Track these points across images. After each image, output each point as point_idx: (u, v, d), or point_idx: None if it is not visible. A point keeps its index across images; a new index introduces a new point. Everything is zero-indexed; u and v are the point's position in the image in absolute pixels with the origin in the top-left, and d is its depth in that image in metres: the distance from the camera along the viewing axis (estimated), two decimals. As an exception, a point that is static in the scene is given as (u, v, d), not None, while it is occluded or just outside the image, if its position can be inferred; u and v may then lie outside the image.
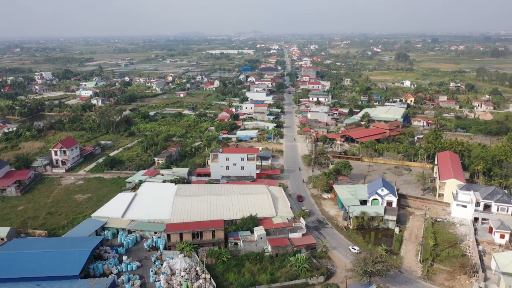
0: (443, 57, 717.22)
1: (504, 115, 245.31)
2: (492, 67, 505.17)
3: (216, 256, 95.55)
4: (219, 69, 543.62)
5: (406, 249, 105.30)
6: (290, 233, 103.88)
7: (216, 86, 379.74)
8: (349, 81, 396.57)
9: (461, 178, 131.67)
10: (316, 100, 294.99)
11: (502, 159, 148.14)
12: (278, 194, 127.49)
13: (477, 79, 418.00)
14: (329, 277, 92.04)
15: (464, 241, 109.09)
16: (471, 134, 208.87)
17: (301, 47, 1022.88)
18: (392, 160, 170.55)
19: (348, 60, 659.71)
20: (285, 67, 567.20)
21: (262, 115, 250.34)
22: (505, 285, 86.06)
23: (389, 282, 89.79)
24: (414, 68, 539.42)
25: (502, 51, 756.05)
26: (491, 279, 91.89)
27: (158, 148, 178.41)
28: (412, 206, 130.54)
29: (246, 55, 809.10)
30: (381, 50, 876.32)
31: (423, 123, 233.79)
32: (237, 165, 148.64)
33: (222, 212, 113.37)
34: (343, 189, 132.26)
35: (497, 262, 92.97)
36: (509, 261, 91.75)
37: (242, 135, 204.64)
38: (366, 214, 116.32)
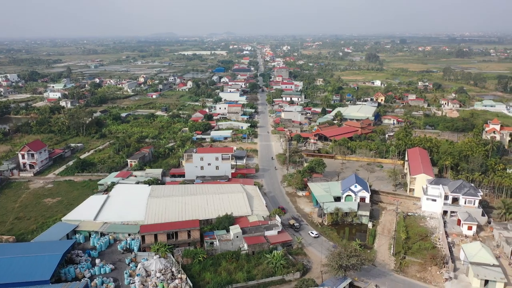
0: (411, 58, 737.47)
1: (470, 113, 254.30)
2: (457, 66, 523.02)
3: (192, 256, 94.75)
4: (192, 70, 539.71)
5: (379, 243, 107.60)
6: (266, 231, 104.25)
7: (189, 87, 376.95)
8: (321, 81, 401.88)
9: (430, 173, 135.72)
10: (289, 100, 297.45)
11: (468, 154, 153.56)
12: (253, 193, 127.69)
13: (443, 79, 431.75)
14: (305, 273, 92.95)
15: (434, 233, 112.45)
16: (439, 131, 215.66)
17: (274, 48, 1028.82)
18: (365, 157, 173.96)
19: (320, 60, 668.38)
20: (258, 67, 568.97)
21: (236, 115, 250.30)
22: (473, 274, 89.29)
23: (364, 275, 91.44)
24: (384, 68, 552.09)
25: (467, 51, 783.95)
26: (460, 269, 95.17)
27: (130, 150, 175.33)
28: (384, 201, 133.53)
29: (219, 56, 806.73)
30: (352, 51, 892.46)
31: (393, 121, 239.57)
32: (211, 165, 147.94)
33: (198, 212, 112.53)
34: (318, 187, 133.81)
35: (466, 252, 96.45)
36: (477, 251, 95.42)
37: (216, 135, 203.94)
38: (340, 210, 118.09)
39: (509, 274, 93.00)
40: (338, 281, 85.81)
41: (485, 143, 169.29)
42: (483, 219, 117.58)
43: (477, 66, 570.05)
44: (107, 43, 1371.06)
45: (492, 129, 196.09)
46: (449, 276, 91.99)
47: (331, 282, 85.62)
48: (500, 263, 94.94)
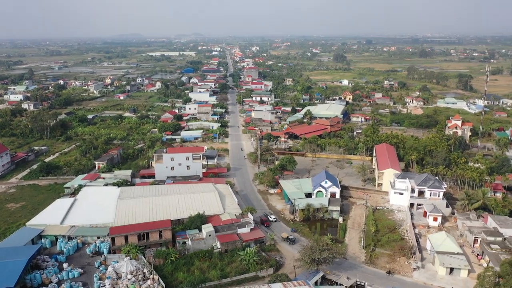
0: (377, 58, 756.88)
1: (433, 110, 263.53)
2: (420, 66, 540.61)
3: (164, 256, 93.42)
4: (161, 71, 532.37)
5: (350, 236, 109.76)
6: (239, 229, 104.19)
7: (158, 87, 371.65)
8: (290, 81, 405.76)
9: (397, 167, 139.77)
10: (259, 99, 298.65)
11: (433, 149, 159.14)
12: (225, 191, 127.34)
13: (408, 77, 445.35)
14: (278, 269, 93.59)
15: (402, 225, 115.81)
16: (404, 128, 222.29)
17: (243, 49, 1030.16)
18: (334, 154, 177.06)
19: (289, 61, 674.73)
20: (227, 68, 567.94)
21: (206, 115, 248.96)
22: (439, 262, 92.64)
23: (336, 268, 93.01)
24: (351, 68, 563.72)
25: (429, 51, 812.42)
26: (427, 258, 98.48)
27: (98, 152, 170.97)
28: (354, 196, 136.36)
29: (188, 56, 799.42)
30: (320, 51, 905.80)
31: (361, 118, 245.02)
32: (182, 165, 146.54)
33: (169, 212, 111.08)
34: (289, 184, 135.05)
35: (432, 242, 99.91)
36: (442, 241, 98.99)
37: (187, 136, 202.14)
38: (311, 206, 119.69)
39: (472, 261, 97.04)
40: (311, 275, 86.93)
41: (448, 138, 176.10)
42: (448, 210, 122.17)
43: (439, 65, 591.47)
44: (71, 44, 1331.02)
45: (454, 125, 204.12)
46: (416, 266, 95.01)
47: (304, 276, 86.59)
48: (464, 251, 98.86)
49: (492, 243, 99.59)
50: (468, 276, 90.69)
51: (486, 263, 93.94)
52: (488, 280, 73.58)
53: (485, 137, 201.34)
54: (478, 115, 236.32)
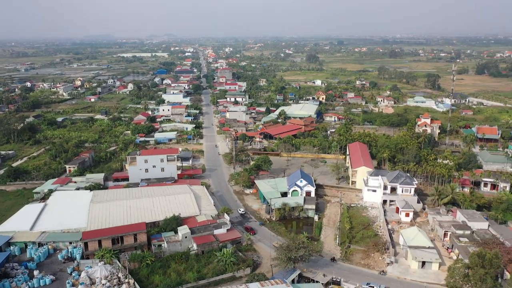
0: (349, 58, 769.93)
1: (403, 108, 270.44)
2: (391, 66, 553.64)
3: (139, 259, 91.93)
4: (132, 72, 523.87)
5: (326, 234, 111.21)
6: (215, 230, 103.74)
7: (130, 89, 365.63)
8: (264, 81, 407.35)
9: (370, 165, 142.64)
10: (233, 100, 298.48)
11: (403, 147, 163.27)
12: (200, 193, 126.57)
13: (378, 77, 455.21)
14: (255, 268, 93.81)
15: (375, 222, 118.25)
16: (376, 126, 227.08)
17: (216, 49, 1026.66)
18: (309, 153, 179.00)
19: (263, 61, 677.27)
20: (201, 69, 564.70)
21: (180, 116, 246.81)
22: (412, 256, 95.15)
23: (312, 266, 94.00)
24: (324, 68, 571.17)
25: (399, 52, 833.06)
26: (400, 253, 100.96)
27: (68, 155, 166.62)
28: (328, 194, 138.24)
29: (160, 58, 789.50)
30: (293, 52, 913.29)
31: (334, 118, 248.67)
32: (156, 167, 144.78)
33: (144, 214, 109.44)
34: (264, 183, 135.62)
35: (404, 237, 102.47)
36: (414, 236, 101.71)
37: (161, 137, 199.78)
38: (287, 205, 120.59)
39: (443, 254, 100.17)
40: (288, 273, 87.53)
41: (418, 136, 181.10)
42: (419, 206, 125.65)
43: (408, 65, 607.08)
44: (38, 46, 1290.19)
45: (423, 123, 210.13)
46: (390, 261, 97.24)
47: (281, 275, 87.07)
48: (434, 245, 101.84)
49: (461, 236, 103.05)
50: (439, 269, 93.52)
51: (456, 256, 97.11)
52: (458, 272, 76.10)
53: (453, 135, 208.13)
54: (446, 113, 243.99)
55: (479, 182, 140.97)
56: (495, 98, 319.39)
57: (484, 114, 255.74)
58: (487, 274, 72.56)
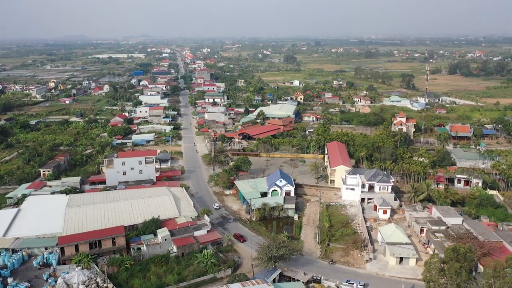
0: (326, 58, 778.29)
1: (379, 108, 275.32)
2: (367, 66, 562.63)
3: (118, 263, 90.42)
4: (108, 74, 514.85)
5: (306, 233, 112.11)
6: (195, 231, 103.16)
7: (106, 91, 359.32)
8: (242, 82, 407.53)
9: (348, 164, 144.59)
10: (212, 101, 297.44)
11: (380, 145, 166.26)
12: (180, 194, 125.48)
13: (355, 77, 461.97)
14: (236, 269, 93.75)
15: (354, 220, 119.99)
16: (353, 126, 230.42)
17: (194, 50, 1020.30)
18: (288, 153, 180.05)
19: (241, 62, 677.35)
20: (178, 70, 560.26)
21: (158, 118, 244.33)
22: (390, 253, 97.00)
23: (292, 265, 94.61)
24: (301, 68, 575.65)
25: (374, 52, 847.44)
26: (378, 250, 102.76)
27: (43, 159, 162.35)
28: (308, 193, 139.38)
29: (137, 59, 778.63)
30: (271, 53, 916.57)
31: (312, 118, 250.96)
32: (134, 169, 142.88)
33: (122, 218, 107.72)
34: (244, 184, 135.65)
35: (382, 234, 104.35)
36: (391, 233, 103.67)
37: (138, 139, 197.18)
38: (267, 205, 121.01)
39: (420, 250, 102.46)
40: (269, 273, 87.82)
41: (394, 135, 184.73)
42: (396, 203, 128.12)
43: (383, 65, 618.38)
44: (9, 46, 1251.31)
45: (399, 122, 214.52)
46: (369, 258, 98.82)
47: (262, 275, 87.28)
48: (411, 241, 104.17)
49: (436, 232, 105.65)
50: (416, 264, 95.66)
51: (432, 251, 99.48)
52: (434, 266, 77.98)
53: (428, 133, 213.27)
54: (420, 112, 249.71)
55: (453, 178, 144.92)
56: (467, 97, 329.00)
57: (456, 112, 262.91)
58: (462, 268, 74.62)
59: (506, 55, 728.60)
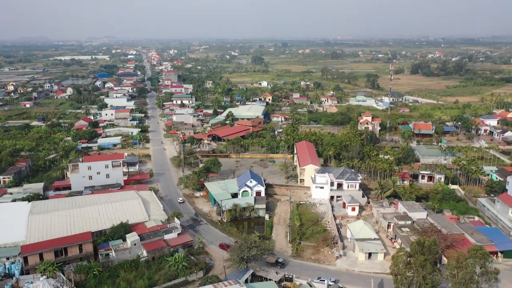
0: (293, 59, 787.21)
1: (346, 107, 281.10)
2: (333, 67, 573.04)
3: (85, 271, 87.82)
4: (71, 76, 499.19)
5: (277, 232, 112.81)
6: (166, 235, 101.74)
7: (70, 93, 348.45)
8: (211, 83, 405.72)
9: (317, 163, 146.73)
10: (180, 103, 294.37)
11: (348, 144, 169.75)
12: (149, 198, 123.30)
13: (322, 78, 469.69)
14: (208, 271, 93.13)
15: (324, 218, 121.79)
16: (321, 125, 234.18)
17: (160, 52, 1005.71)
18: (257, 154, 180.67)
19: (208, 63, 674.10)
20: (145, 72, 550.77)
21: (125, 121, 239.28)
22: (359, 249, 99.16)
23: (265, 264, 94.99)
24: (269, 69, 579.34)
25: (340, 53, 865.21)
26: (348, 246, 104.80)
27: (2, 165, 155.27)
28: (278, 193, 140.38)
29: (101, 60, 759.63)
30: (238, 54, 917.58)
31: (281, 118, 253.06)
32: (101, 173, 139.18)
33: (89, 223, 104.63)
34: (214, 185, 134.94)
35: (351, 231, 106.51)
36: (360, 229, 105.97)
37: (105, 143, 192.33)
38: (238, 206, 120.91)
39: (387, 245, 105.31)
40: (241, 273, 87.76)
41: (360, 133, 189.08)
42: (364, 200, 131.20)
43: (349, 66, 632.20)
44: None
45: (365, 121, 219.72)
46: (339, 254, 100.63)
47: (234, 276, 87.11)
48: (379, 236, 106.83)
49: (403, 226, 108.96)
50: (384, 259, 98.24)
51: (399, 245, 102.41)
52: (401, 260, 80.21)
53: (392, 131, 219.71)
54: (385, 111, 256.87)
55: (417, 175, 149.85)
56: (429, 96, 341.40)
57: (419, 111, 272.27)
58: (427, 260, 77.12)
59: (464, 55, 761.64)
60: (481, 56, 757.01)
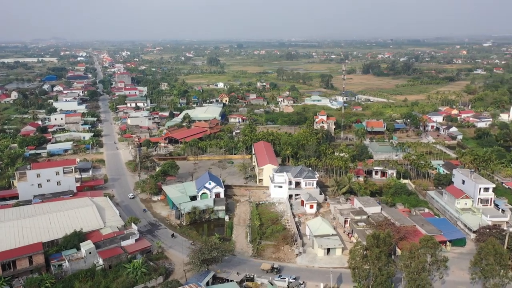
0: (249, 61, 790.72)
1: (302, 107, 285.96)
2: (288, 68, 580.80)
3: (37, 284, 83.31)
4: (16, 80, 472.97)
5: (237, 233, 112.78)
6: (123, 241, 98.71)
7: (15, 98, 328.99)
8: (166, 85, 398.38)
9: (275, 162, 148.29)
10: (134, 105, 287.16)
11: (304, 143, 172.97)
12: (104, 204, 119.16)
13: (278, 79, 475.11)
14: (168, 276, 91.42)
15: (283, 216, 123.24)
16: (278, 125, 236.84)
17: (112, 53, 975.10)
18: (216, 155, 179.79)
19: (163, 65, 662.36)
20: (96, 74, 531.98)
21: (76, 125, 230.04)
22: (318, 245, 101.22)
23: (225, 266, 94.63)
24: (225, 71, 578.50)
25: (294, 54, 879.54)
26: (307, 243, 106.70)
27: None
28: (238, 194, 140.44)
29: (49, 63, 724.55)
30: (194, 55, 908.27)
31: (238, 119, 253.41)
32: (51, 180, 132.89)
33: (40, 234, 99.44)
34: (172, 189, 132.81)
35: (310, 228, 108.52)
36: (318, 226, 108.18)
37: (54, 149, 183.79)
38: (197, 208, 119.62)
39: (345, 240, 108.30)
40: (202, 276, 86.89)
41: (316, 132, 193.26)
42: (321, 197, 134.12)
43: (304, 66, 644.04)
44: None
45: (320, 120, 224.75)
46: (299, 251, 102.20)
47: (195, 279, 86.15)
48: (337, 232, 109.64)
49: (359, 221, 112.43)
50: (342, 254, 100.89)
51: (356, 239, 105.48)
52: (358, 253, 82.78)
53: (347, 129, 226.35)
54: (339, 110, 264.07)
55: (371, 171, 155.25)
56: (380, 95, 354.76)
57: (371, 109, 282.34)
58: (382, 252, 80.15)
59: (411, 55, 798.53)
60: (426, 57, 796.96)
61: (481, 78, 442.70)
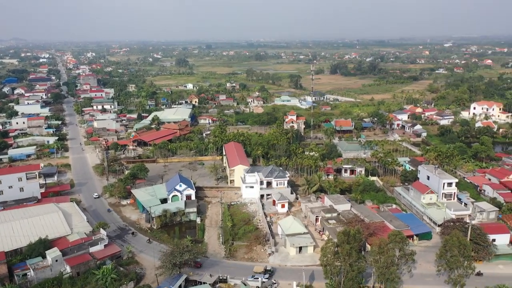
0: (218, 61, 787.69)
1: (272, 107, 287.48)
2: (257, 68, 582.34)
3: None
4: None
5: (209, 235, 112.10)
6: (91, 247, 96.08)
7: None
8: (133, 87, 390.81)
9: (246, 163, 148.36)
10: (101, 108, 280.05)
11: (275, 143, 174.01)
12: (70, 210, 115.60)
13: (247, 79, 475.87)
14: (139, 281, 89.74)
15: (255, 216, 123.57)
16: (249, 126, 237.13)
17: (77, 55, 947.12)
18: (186, 157, 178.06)
19: (130, 66, 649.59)
20: (60, 76, 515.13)
21: (39, 129, 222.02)
22: (290, 244, 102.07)
23: (198, 268, 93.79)
24: (194, 72, 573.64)
25: (264, 55, 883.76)
26: (280, 242, 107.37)
27: None
28: (209, 195, 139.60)
29: (9, 64, 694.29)
30: (162, 57, 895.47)
31: (208, 120, 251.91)
32: (14, 187, 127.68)
33: (2, 243, 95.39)
34: (142, 192, 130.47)
35: (282, 227, 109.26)
36: (290, 225, 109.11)
37: (16, 154, 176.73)
38: (168, 211, 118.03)
39: (316, 238, 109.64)
40: (174, 280, 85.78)
41: (286, 132, 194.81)
42: (292, 197, 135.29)
43: (273, 67, 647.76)
44: None
45: (290, 120, 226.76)
46: (271, 251, 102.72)
47: (167, 282, 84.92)
48: (308, 230, 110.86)
49: (329, 219, 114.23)
50: (314, 251, 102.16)
51: (327, 237, 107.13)
52: (329, 250, 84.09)
53: (316, 129, 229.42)
54: (308, 110, 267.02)
55: (340, 169, 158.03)
56: (347, 95, 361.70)
57: (339, 109, 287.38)
58: (352, 249, 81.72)
59: (376, 56, 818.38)
60: (391, 57, 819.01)
61: (443, 77, 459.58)
